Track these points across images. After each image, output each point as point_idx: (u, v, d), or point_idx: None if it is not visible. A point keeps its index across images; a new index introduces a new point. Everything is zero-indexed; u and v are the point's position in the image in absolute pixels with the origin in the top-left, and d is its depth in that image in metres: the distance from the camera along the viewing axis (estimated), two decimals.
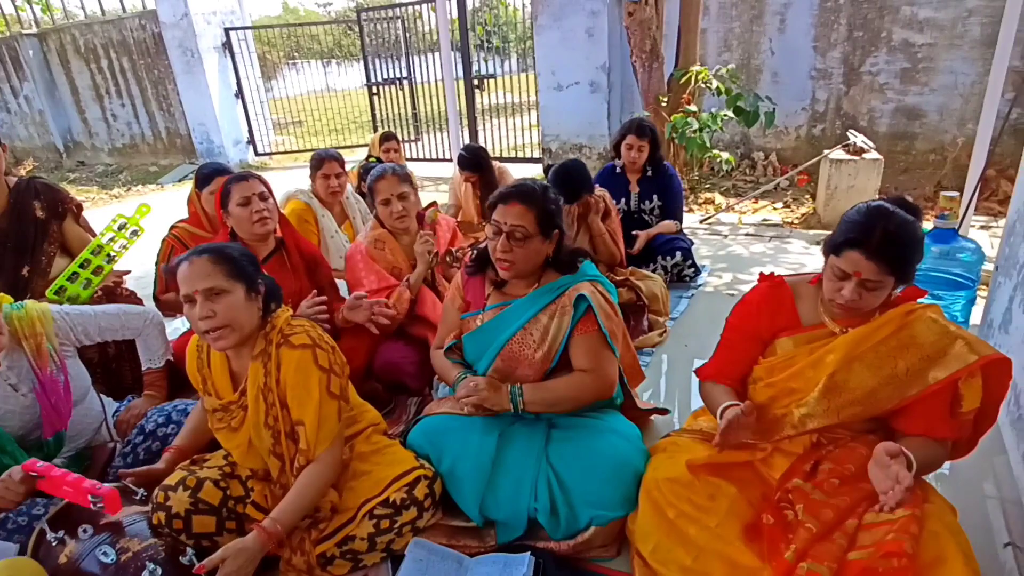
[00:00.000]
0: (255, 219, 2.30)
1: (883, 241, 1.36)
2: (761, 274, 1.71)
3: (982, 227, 4.27)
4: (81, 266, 2.51)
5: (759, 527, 1.46)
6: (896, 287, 1.45)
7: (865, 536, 1.33)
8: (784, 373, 1.57)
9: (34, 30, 10.75)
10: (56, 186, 2.77)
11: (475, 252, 1.96)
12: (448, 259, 2.54)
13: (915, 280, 1.47)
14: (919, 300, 1.51)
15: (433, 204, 2.64)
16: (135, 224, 2.67)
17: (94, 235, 2.83)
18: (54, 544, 1.55)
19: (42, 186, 2.69)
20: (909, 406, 1.43)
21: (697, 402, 2.39)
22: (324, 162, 3.31)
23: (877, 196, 4.52)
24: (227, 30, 8.98)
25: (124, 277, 2.71)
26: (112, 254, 2.60)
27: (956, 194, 2.58)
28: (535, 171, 6.76)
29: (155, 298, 2.77)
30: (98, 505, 1.51)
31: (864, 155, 4.54)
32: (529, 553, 1.64)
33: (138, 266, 3.09)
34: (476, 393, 1.77)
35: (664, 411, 2.22)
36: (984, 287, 2.86)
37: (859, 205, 1.47)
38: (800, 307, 1.61)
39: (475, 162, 4.01)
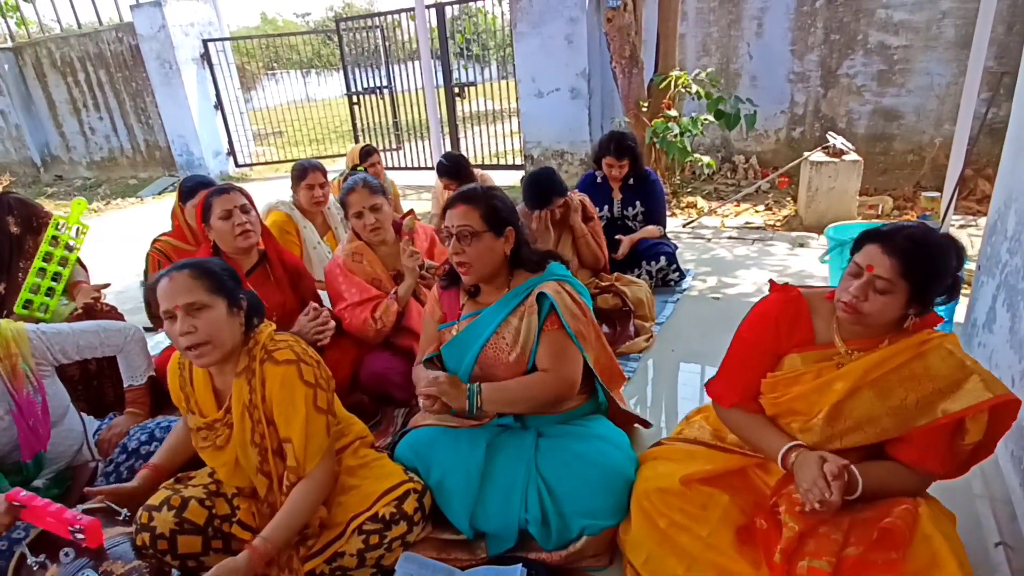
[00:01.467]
0: (237, 232, 2.27)
1: (905, 240, 1.33)
2: (772, 283, 1.63)
3: (961, 226, 4.33)
4: (38, 276, 2.48)
5: (753, 531, 1.45)
6: (908, 309, 1.37)
7: (861, 531, 1.33)
8: (788, 393, 1.50)
9: (9, 44, 10.63)
10: (30, 201, 2.74)
11: (447, 267, 1.96)
12: (423, 271, 2.50)
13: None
14: (936, 327, 1.43)
15: (410, 212, 2.62)
16: (75, 222, 2.63)
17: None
18: (35, 568, 1.51)
19: (15, 201, 2.66)
20: (909, 434, 1.38)
21: (685, 408, 2.40)
22: (308, 172, 3.28)
23: (856, 196, 4.59)
24: (205, 42, 8.91)
25: (103, 292, 2.66)
26: (64, 257, 2.57)
27: (937, 194, 2.61)
28: (517, 177, 6.76)
29: (151, 315, 2.73)
30: (78, 537, 1.47)
31: (844, 157, 4.59)
32: (521, 565, 1.63)
33: (117, 280, 3.04)
34: (436, 385, 1.76)
35: (646, 424, 2.18)
36: (967, 286, 2.89)
37: None
38: (816, 323, 1.53)
39: (454, 169, 3.99)
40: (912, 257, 1.32)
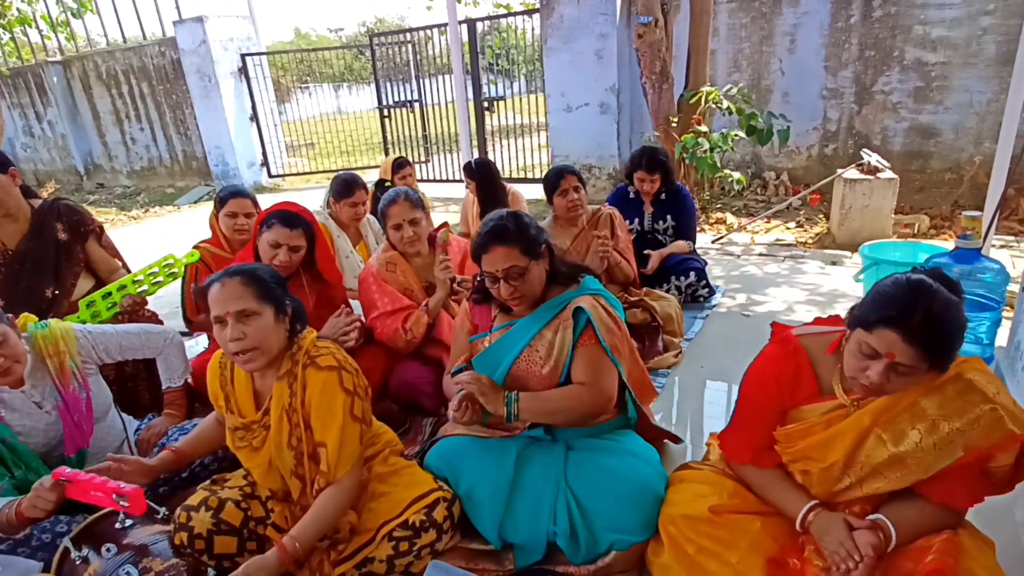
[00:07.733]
0: (275, 262, 2.33)
1: (925, 323, 1.19)
2: (774, 325, 1.59)
3: (1003, 246, 4.23)
4: (119, 289, 2.56)
5: (785, 568, 1.42)
6: (928, 374, 1.27)
7: (903, 563, 1.29)
8: (799, 444, 1.47)
9: (59, 58, 11.05)
10: (79, 208, 2.76)
11: (477, 283, 1.97)
12: (454, 285, 2.53)
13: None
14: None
15: (444, 225, 2.66)
16: (179, 266, 2.75)
17: (117, 255, 2.86)
18: (78, 562, 1.55)
19: (65, 208, 2.69)
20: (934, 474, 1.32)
21: (712, 426, 2.38)
22: (354, 190, 3.28)
23: (892, 215, 4.51)
24: (243, 56, 9.16)
25: (147, 298, 2.74)
26: (147, 287, 2.66)
27: (979, 214, 2.55)
28: None
29: (186, 319, 2.80)
30: (123, 504, 1.51)
31: (879, 174, 4.53)
32: None
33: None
34: (477, 383, 1.74)
35: (676, 439, 2.18)
36: (1009, 308, 2.81)
37: (896, 276, 1.28)
38: (819, 373, 1.47)
39: (480, 172, 4.01)
40: (935, 342, 1.21)
